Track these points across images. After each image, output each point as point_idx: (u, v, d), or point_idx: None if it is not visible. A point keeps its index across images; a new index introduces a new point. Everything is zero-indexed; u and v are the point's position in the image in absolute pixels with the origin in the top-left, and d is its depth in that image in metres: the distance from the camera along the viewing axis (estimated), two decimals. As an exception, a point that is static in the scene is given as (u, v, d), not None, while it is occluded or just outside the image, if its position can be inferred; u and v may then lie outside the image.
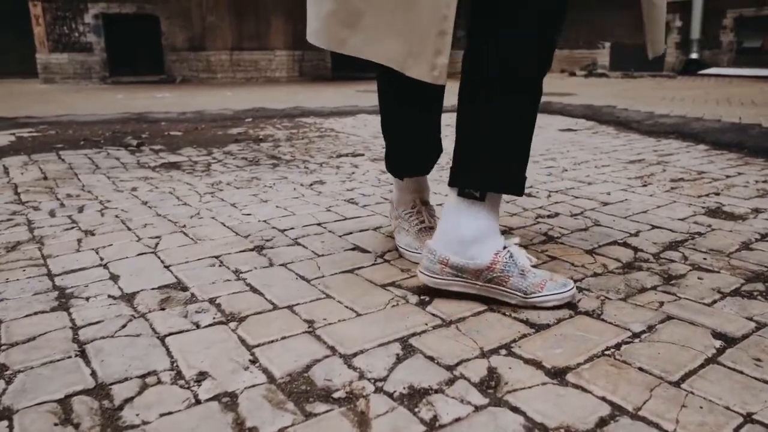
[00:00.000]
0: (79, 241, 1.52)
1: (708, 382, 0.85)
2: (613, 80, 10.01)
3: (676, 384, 0.85)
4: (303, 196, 2.03)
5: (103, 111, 4.87)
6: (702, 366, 0.90)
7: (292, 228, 1.64)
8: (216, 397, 0.82)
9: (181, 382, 0.86)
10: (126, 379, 0.86)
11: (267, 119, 4.51)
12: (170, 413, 0.78)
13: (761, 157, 2.82)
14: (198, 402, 0.81)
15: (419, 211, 1.42)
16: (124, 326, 1.03)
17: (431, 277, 1.14)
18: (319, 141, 3.39)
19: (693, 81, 9.42)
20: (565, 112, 4.80)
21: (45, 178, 2.34)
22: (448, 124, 3.82)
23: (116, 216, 1.76)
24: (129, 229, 1.62)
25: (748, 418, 0.77)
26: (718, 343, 0.97)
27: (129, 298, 1.16)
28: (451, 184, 1.16)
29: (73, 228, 1.64)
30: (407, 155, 1.41)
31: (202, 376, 0.87)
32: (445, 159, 2.58)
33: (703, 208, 1.86)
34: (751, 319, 1.06)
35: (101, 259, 1.38)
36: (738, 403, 0.80)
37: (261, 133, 3.75)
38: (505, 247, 1.12)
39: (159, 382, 0.86)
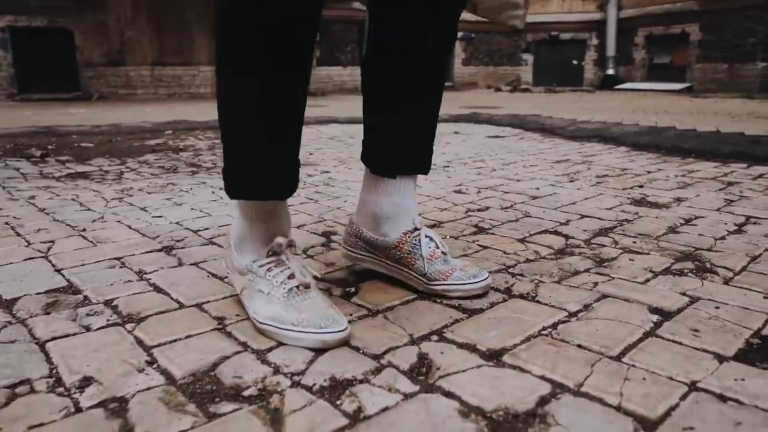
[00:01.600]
0: (-42, 249, 1.33)
1: (649, 354, 0.80)
2: (536, 94, 10.37)
3: (617, 358, 0.79)
4: (221, 198, 1.90)
5: (7, 125, 4.51)
6: (641, 339, 0.85)
7: (207, 228, 1.51)
8: (101, 404, 0.69)
9: (60, 389, 0.72)
10: (-10, 391, 0.72)
11: (189, 131, 4.31)
12: (41, 424, 0.65)
13: (678, 155, 2.93)
14: (79, 410, 0.68)
15: (283, 259, 0.93)
16: (-4, 333, 0.88)
17: (347, 250, 1.13)
18: (243, 149, 3.25)
19: (610, 95, 9.89)
20: (492, 122, 4.87)
21: (-72, 189, 2.09)
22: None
23: (6, 223, 1.57)
24: (18, 234, 1.44)
25: (693, 387, 0.72)
26: (655, 318, 0.93)
27: (8, 304, 1.00)
28: (363, 159, 1.10)
29: (-48, 236, 1.44)
30: (269, 162, 0.92)
31: (86, 381, 0.74)
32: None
33: (629, 198, 1.88)
34: (684, 294, 1.03)
35: (-19, 266, 1.21)
36: (681, 373, 0.75)
37: (181, 143, 3.56)
38: (416, 229, 1.05)
39: (32, 391, 0.72)
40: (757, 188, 2.03)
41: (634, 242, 1.37)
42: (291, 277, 0.90)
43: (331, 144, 3.50)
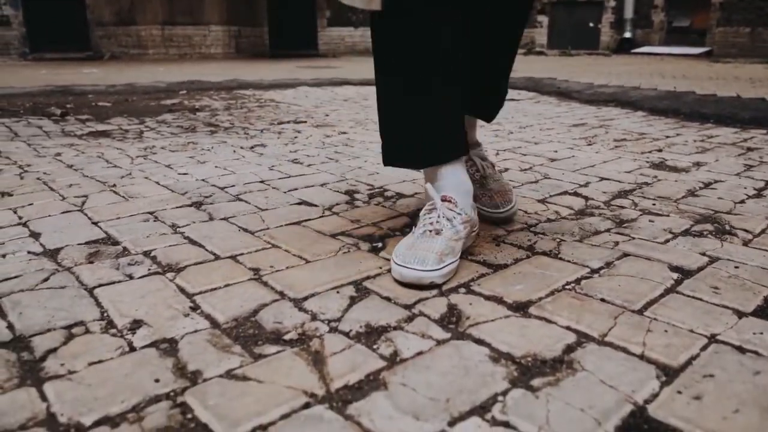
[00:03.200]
0: (-5, 202, 1.38)
1: (670, 309, 0.84)
2: (551, 57, 10.20)
3: (639, 312, 0.83)
4: (244, 157, 1.93)
5: (24, 84, 4.53)
6: (662, 295, 0.88)
7: (233, 185, 1.54)
8: (153, 344, 0.73)
9: (113, 331, 0.77)
10: (48, 330, 0.76)
11: (203, 91, 4.31)
12: (100, 362, 0.69)
13: (696, 121, 2.91)
14: (133, 349, 0.72)
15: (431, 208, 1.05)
16: (46, 279, 0.92)
17: None
18: (259, 110, 3.26)
19: (627, 58, 9.71)
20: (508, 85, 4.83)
21: (-44, 145, 2.13)
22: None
23: (37, 178, 1.61)
24: (52, 189, 1.48)
25: (713, 339, 0.75)
26: (675, 275, 0.96)
27: (52, 253, 1.04)
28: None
29: (-13, 190, 1.49)
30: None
31: (136, 324, 0.78)
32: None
33: (648, 162, 1.88)
34: (704, 254, 1.06)
35: (20, 218, 1.25)
36: (701, 326, 0.78)
37: (197, 103, 3.57)
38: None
39: (87, 332, 0.76)
40: (777, 154, 2.03)
41: (654, 204, 1.39)
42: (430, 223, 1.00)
43: (346, 106, 3.50)
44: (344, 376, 0.67)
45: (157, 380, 0.66)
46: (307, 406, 0.62)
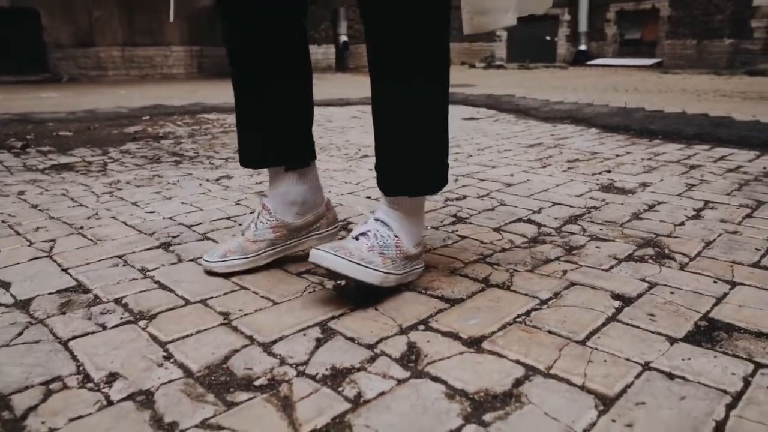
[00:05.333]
0: (-39, 249, 1.39)
1: (610, 338, 0.92)
2: (510, 71, 10.45)
3: (582, 342, 0.91)
4: (209, 191, 1.97)
5: (-20, 113, 4.44)
6: (604, 324, 0.96)
7: (200, 223, 1.58)
8: (130, 397, 0.78)
9: (90, 385, 0.80)
10: (27, 388, 0.80)
11: (166, 116, 4.31)
12: (80, 417, 0.73)
13: (645, 137, 3.07)
14: (111, 403, 0.76)
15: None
16: (20, 333, 0.95)
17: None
18: (224, 136, 3.29)
19: (583, 71, 10.03)
20: (468, 102, 4.96)
21: None
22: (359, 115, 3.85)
23: (2, 221, 1.62)
24: (18, 234, 1.50)
25: (646, 366, 0.83)
26: (616, 303, 1.04)
27: (24, 304, 1.07)
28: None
29: (-48, 236, 1.49)
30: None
31: (112, 377, 0.82)
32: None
33: (597, 184, 1.99)
34: (643, 280, 1.15)
35: (-12, 266, 1.27)
36: (637, 354, 0.87)
37: (161, 130, 3.58)
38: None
39: (65, 387, 0.80)
40: (717, 171, 2.17)
41: (601, 229, 1.49)
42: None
43: (310, 129, 3.56)
44: (312, 421, 0.72)
45: (135, 434, 0.70)
46: (277, 452, 0.67)
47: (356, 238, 1.09)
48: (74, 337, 0.94)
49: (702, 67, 10.00)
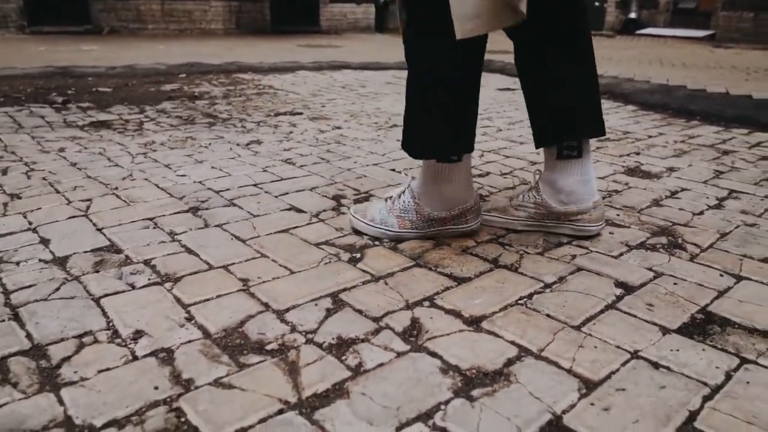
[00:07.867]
0: (5, 204, 1.49)
1: (605, 325, 0.96)
2: (551, 39, 10.17)
3: (577, 328, 0.95)
4: (239, 156, 2.03)
5: (24, 64, 4.59)
6: (602, 311, 1.00)
7: (228, 189, 1.65)
8: (153, 353, 0.86)
9: (118, 340, 0.89)
10: (62, 340, 0.88)
11: (202, 75, 4.39)
12: (108, 369, 0.81)
13: (683, 117, 3.00)
14: (135, 358, 0.84)
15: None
16: (57, 289, 1.04)
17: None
18: (257, 98, 3.35)
19: (630, 41, 9.70)
20: (505, 71, 4.89)
21: (-35, 138, 2.23)
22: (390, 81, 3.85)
23: (43, 178, 1.72)
24: (58, 192, 1.60)
25: (635, 355, 0.87)
26: (618, 291, 1.08)
27: (61, 261, 1.16)
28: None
29: (-2, 190, 1.60)
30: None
31: (138, 334, 0.90)
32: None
33: (623, 167, 1.99)
34: (650, 269, 1.18)
35: (30, 223, 1.36)
36: (627, 342, 0.90)
37: (196, 90, 3.66)
38: None
39: (96, 341, 0.88)
40: (750, 158, 2.13)
41: (618, 215, 1.50)
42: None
43: (343, 94, 3.59)
44: (314, 385, 0.79)
45: (156, 387, 0.78)
46: (280, 412, 0.74)
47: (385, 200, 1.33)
48: (106, 295, 1.02)
49: (758, 42, 9.54)
